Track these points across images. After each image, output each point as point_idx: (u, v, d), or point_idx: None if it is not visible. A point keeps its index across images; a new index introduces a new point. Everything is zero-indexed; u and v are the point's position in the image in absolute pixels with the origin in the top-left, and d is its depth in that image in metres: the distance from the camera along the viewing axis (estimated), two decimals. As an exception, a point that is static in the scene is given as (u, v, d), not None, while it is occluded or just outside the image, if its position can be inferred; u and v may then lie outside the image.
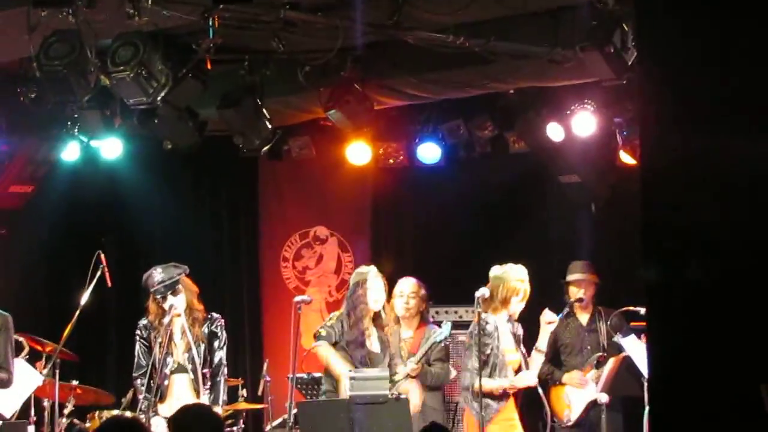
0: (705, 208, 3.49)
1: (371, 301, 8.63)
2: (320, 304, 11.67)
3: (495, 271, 8.52)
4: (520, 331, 8.64)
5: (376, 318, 8.73)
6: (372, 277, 8.71)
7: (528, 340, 8.78)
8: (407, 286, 9.02)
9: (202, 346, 8.54)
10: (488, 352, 8.31)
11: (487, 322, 8.33)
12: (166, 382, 8.50)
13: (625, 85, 8.22)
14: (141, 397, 8.46)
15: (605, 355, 9.31)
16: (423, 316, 9.09)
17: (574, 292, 9.61)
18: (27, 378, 8.72)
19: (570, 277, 9.65)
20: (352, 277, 8.92)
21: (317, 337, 8.63)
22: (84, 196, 11.30)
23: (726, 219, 3.44)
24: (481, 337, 8.25)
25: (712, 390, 3.40)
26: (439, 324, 9.09)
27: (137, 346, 8.66)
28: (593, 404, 9.29)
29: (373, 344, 8.65)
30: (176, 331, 8.55)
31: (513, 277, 8.44)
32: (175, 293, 8.48)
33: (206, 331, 8.60)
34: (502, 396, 8.37)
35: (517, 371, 8.48)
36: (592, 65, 7.93)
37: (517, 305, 8.49)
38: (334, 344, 8.56)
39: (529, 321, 8.85)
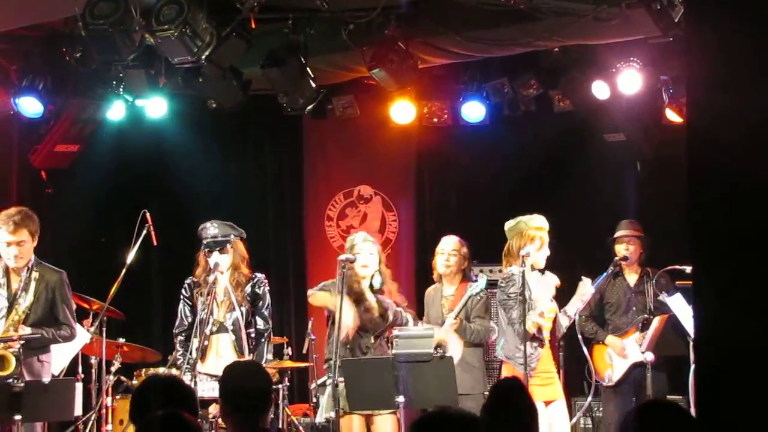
0: (752, 166, 3.46)
1: (359, 267, 8.46)
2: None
3: (508, 224, 8.41)
4: (554, 281, 8.51)
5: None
6: (360, 242, 8.56)
7: (562, 294, 8.59)
8: (448, 243, 9.02)
9: (244, 308, 8.54)
10: (513, 295, 8.20)
11: (512, 273, 8.21)
12: (206, 342, 8.50)
13: (671, 43, 8.15)
14: (179, 354, 8.52)
15: (651, 318, 9.26)
16: (465, 274, 9.08)
17: (620, 251, 9.58)
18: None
19: (615, 234, 9.61)
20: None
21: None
22: (129, 156, 11.34)
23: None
24: (508, 288, 8.18)
25: (758, 348, 3.38)
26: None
27: (180, 305, 8.69)
28: (636, 365, 9.27)
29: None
30: (219, 291, 8.56)
31: (527, 227, 8.31)
32: (222, 252, 8.50)
33: (249, 291, 8.59)
34: (539, 341, 8.28)
35: (554, 320, 8.39)
36: (638, 22, 7.86)
37: (536, 254, 8.31)
38: None
39: (569, 275, 8.79)
